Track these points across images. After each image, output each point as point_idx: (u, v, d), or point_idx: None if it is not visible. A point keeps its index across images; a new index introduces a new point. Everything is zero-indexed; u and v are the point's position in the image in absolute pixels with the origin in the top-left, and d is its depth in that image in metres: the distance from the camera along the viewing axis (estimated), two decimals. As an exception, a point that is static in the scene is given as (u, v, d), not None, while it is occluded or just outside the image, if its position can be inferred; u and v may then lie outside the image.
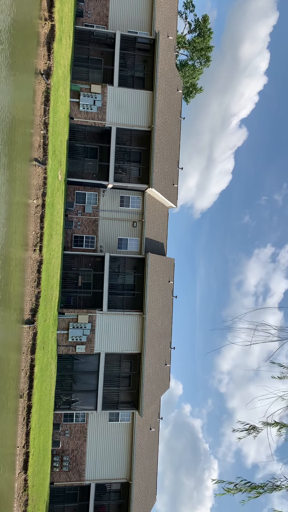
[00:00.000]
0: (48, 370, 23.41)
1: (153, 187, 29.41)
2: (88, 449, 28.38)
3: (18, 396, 18.38)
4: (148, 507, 31.46)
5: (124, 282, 29.86)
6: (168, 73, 31.48)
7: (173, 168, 33.22)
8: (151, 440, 31.94)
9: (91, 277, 29.49)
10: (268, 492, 8.69)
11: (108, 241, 30.09)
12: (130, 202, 30.64)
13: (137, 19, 30.91)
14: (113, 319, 28.39)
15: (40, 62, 20.19)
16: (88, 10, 29.97)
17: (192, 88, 50.48)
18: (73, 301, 28.99)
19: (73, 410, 27.75)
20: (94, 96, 28.25)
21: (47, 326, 22.54)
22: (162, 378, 31.87)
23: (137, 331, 28.83)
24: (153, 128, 29.33)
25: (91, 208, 29.63)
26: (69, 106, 27.46)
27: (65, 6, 23.27)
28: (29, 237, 19.42)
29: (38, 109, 20.07)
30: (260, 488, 8.76)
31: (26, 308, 19.28)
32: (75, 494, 28.63)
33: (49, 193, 21.26)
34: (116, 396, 29.02)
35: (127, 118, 29.37)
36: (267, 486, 8.75)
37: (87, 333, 27.35)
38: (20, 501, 18.19)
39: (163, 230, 34.25)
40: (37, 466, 21.02)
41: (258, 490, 8.74)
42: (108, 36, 29.69)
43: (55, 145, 22.45)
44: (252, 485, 8.79)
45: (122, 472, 29.13)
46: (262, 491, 8.75)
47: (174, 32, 34.45)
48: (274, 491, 8.63)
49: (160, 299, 30.92)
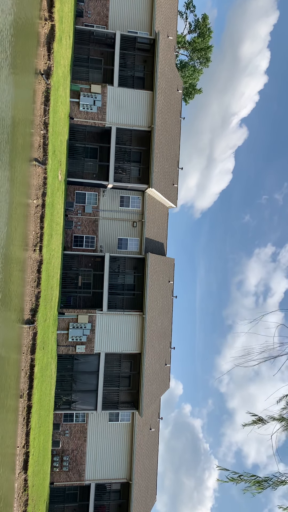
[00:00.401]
0: (48, 370, 23.41)
1: (153, 187, 29.41)
2: (88, 449, 28.38)
3: (18, 396, 18.39)
4: (148, 507, 31.46)
5: (124, 282, 29.86)
6: (168, 73, 31.48)
7: (173, 168, 33.22)
8: (151, 440, 31.94)
9: (91, 277, 29.49)
10: (272, 486, 8.69)
11: (108, 241, 30.10)
12: (130, 202, 30.64)
13: (137, 19, 30.92)
14: (113, 319, 28.40)
15: (40, 62, 20.19)
16: (88, 10, 29.97)
17: (191, 89, 50.52)
18: (73, 301, 28.99)
19: (73, 410, 27.75)
20: (94, 96, 28.25)
21: (47, 326, 22.55)
22: (162, 378, 31.87)
23: (137, 331, 28.83)
24: (153, 128, 29.33)
25: (91, 208, 29.63)
26: (69, 106, 27.46)
27: (65, 6, 23.27)
28: (29, 237, 19.43)
29: (38, 109, 20.07)
30: (264, 482, 8.76)
31: (26, 308, 19.28)
32: (75, 494, 28.64)
33: (49, 193, 21.26)
34: (116, 396, 29.02)
35: (127, 118, 29.38)
36: (272, 480, 8.74)
37: (87, 333, 27.35)
38: (20, 501, 18.19)
39: (163, 230, 34.26)
40: (37, 466, 21.02)
41: (262, 484, 8.74)
42: (108, 36, 29.69)
43: (55, 145, 22.45)
44: (256, 479, 8.80)
45: (122, 472, 29.13)
46: (266, 485, 8.75)
47: (174, 32, 34.45)
48: (279, 485, 8.63)
49: (160, 299, 30.92)
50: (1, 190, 13.67)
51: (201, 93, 51.11)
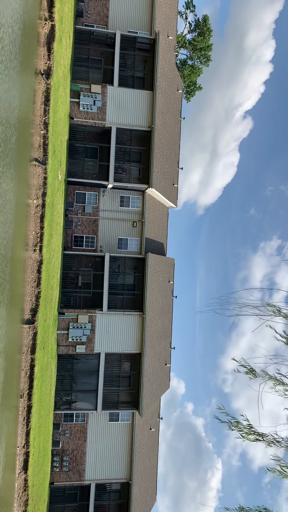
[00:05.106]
0: (48, 370, 23.41)
1: (153, 187, 29.41)
2: (88, 449, 28.38)
3: (19, 396, 18.39)
4: (148, 507, 31.46)
5: (124, 282, 29.86)
6: (168, 73, 31.48)
7: (173, 168, 33.22)
8: (151, 440, 31.95)
9: (91, 277, 29.49)
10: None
11: (108, 241, 30.09)
12: (130, 202, 30.63)
13: (137, 19, 30.91)
14: (113, 319, 28.39)
15: (40, 62, 20.19)
16: (88, 10, 29.97)
17: (193, 86, 50.58)
18: (73, 301, 28.99)
19: (73, 410, 27.76)
20: (94, 96, 28.25)
21: (47, 326, 22.55)
22: (162, 378, 31.87)
23: (137, 331, 28.83)
24: (153, 128, 29.33)
25: (91, 208, 29.63)
26: (69, 106, 27.45)
27: (65, 6, 23.27)
28: (29, 237, 19.43)
29: (38, 109, 20.07)
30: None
31: (26, 308, 19.29)
32: (75, 494, 28.63)
33: (49, 193, 21.26)
34: (116, 396, 29.02)
35: (127, 118, 29.37)
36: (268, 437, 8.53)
37: (87, 333, 27.35)
38: (20, 501, 18.20)
39: (163, 230, 34.26)
40: (37, 466, 21.02)
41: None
42: (108, 36, 29.68)
43: (55, 145, 22.45)
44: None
45: (122, 472, 29.13)
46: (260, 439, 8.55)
47: (174, 32, 34.45)
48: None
49: (160, 299, 30.92)
50: (5, 189, 13.68)
51: (202, 90, 51.30)
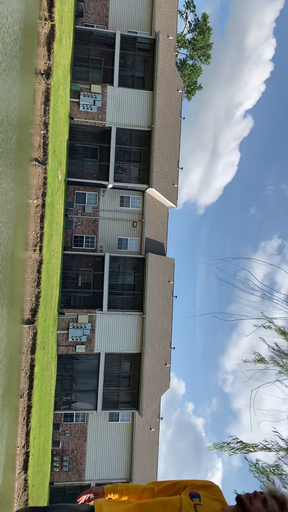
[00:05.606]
0: (48, 370, 23.42)
1: (153, 187, 29.41)
2: (88, 449, 28.38)
3: (18, 396, 18.40)
4: (148, 507, 31.44)
5: (124, 282, 29.86)
6: (168, 73, 31.47)
7: (173, 168, 33.22)
8: (151, 440, 31.95)
9: (91, 277, 29.49)
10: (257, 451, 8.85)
11: (108, 241, 30.09)
12: (130, 202, 30.63)
13: (137, 19, 30.91)
14: (113, 319, 28.39)
15: (40, 62, 20.19)
16: (88, 10, 29.97)
17: (193, 86, 50.60)
18: (73, 301, 28.99)
19: (73, 410, 27.76)
20: (94, 96, 28.24)
21: (47, 326, 22.55)
22: (162, 378, 31.88)
23: (137, 331, 28.83)
24: (153, 128, 29.32)
25: (91, 208, 29.62)
26: (69, 106, 27.45)
27: (65, 6, 23.27)
28: (29, 237, 19.43)
29: (38, 109, 20.07)
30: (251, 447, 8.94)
31: (26, 308, 19.28)
32: (75, 494, 28.63)
33: (49, 193, 21.26)
34: (116, 396, 29.02)
35: (127, 118, 29.37)
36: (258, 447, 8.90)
37: (87, 333, 27.35)
38: (20, 501, 18.20)
39: (163, 230, 34.26)
40: (37, 466, 21.03)
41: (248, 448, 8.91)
42: (108, 36, 29.68)
43: (55, 145, 22.45)
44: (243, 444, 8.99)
45: (122, 472, 29.13)
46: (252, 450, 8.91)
47: (174, 32, 34.44)
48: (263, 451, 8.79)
49: (160, 299, 30.92)
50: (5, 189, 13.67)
51: (202, 89, 51.34)
